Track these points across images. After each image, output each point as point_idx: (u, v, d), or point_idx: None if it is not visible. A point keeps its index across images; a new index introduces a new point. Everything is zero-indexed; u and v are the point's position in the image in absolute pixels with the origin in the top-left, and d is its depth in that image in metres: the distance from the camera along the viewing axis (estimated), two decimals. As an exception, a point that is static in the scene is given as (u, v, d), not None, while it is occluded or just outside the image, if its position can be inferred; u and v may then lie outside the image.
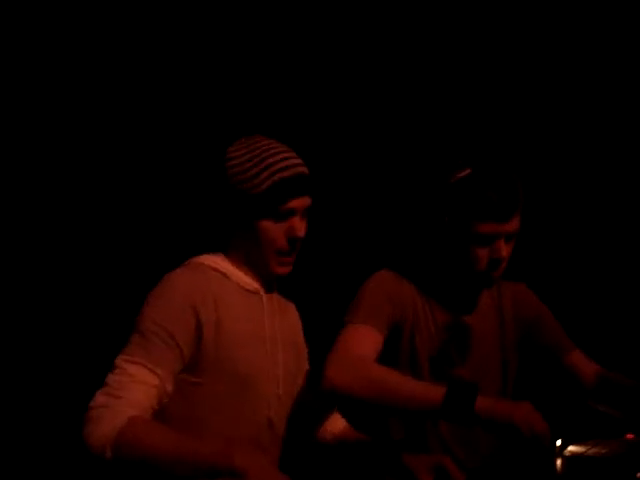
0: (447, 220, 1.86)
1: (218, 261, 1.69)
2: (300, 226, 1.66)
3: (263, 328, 1.67)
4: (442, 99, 3.02)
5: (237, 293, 1.66)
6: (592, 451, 1.72)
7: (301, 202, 1.66)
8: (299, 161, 1.69)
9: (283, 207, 1.63)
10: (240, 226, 1.68)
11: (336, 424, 1.87)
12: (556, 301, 2.11)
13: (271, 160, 1.64)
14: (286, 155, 1.67)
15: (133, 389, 1.47)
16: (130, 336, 1.54)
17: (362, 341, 1.75)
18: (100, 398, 1.45)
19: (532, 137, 3.05)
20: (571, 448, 1.73)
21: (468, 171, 1.83)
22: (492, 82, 3.03)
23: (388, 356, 1.83)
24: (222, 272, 1.67)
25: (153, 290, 1.60)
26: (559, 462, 1.68)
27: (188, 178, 2.63)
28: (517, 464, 1.75)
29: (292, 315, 1.86)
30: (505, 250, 1.82)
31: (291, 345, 1.77)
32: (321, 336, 1.82)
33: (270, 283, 1.75)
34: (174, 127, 2.74)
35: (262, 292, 1.71)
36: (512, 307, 2.04)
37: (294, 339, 1.81)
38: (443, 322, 1.92)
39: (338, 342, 1.74)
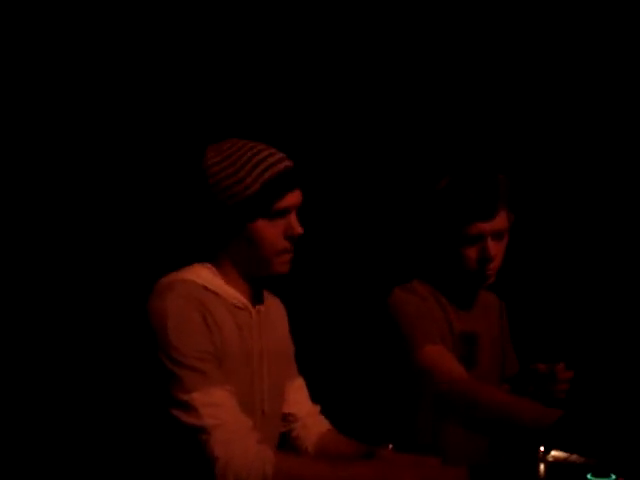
0: (437, 229, 1.99)
1: (207, 277, 1.61)
2: (298, 222, 1.63)
3: (252, 345, 1.64)
4: (433, 109, 3.08)
5: (227, 311, 1.60)
6: (575, 457, 1.73)
7: (296, 196, 1.62)
8: (283, 155, 1.63)
9: (279, 204, 1.58)
10: (233, 233, 1.61)
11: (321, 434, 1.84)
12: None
13: (257, 158, 1.58)
14: (270, 151, 1.62)
15: (234, 414, 1.48)
16: (171, 377, 1.47)
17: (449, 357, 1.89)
18: (217, 438, 1.43)
19: (527, 138, 3.11)
20: (554, 454, 1.75)
21: (447, 180, 1.97)
22: (481, 88, 3.09)
23: None
24: (213, 291, 1.59)
25: (156, 320, 1.50)
26: (542, 467, 1.69)
27: (166, 190, 2.59)
28: (501, 469, 1.76)
29: (278, 318, 1.82)
30: (494, 249, 1.90)
31: (278, 355, 1.73)
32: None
33: (259, 293, 1.71)
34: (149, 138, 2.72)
35: (250, 307, 1.66)
36: (499, 308, 2.17)
37: (281, 348, 1.77)
38: (458, 331, 1.99)
39: (429, 364, 1.86)
